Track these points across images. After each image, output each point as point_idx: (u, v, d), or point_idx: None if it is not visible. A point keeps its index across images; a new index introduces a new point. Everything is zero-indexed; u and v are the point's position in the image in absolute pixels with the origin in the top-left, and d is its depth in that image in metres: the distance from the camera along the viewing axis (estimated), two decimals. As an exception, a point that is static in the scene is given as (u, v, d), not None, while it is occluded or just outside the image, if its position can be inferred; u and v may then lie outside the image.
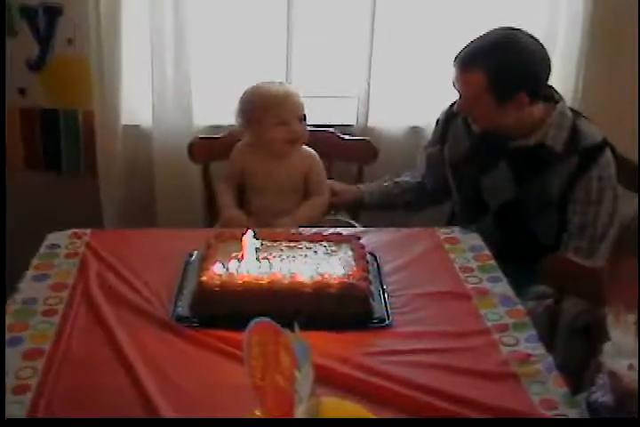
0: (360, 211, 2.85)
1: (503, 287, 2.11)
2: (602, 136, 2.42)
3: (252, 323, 1.37)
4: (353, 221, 2.77)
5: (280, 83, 2.69)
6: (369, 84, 3.01)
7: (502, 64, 2.31)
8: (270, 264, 1.97)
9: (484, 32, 2.39)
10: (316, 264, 2.00)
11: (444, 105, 2.67)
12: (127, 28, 2.93)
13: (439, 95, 2.84)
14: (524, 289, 2.28)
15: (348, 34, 3.07)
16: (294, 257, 2.04)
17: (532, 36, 2.36)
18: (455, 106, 2.48)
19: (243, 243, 2.00)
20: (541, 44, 2.36)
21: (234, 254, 2.01)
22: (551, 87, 2.48)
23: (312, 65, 3.12)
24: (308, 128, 2.64)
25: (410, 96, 3.05)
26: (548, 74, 2.39)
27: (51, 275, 2.14)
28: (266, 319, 1.39)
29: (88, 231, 2.37)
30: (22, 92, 3.12)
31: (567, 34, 2.99)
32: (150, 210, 3.14)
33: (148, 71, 2.96)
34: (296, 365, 1.41)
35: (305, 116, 2.60)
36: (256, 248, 2.01)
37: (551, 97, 2.45)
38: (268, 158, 2.62)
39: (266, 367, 1.35)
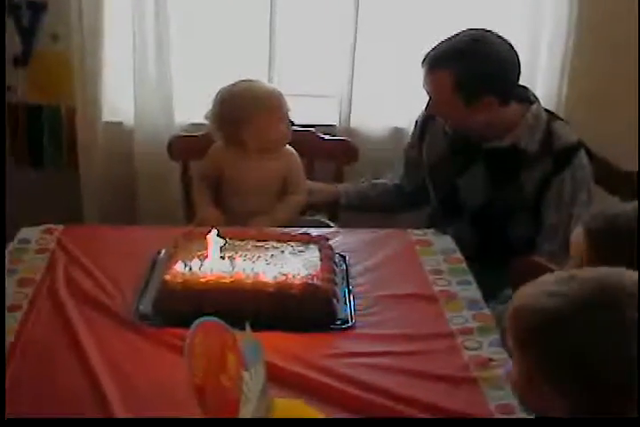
0: (338, 212, 2.83)
1: (472, 291, 2.10)
2: (576, 138, 2.40)
3: (195, 322, 1.37)
4: (330, 222, 2.76)
5: (260, 81, 2.65)
6: (351, 85, 3.00)
7: (469, 66, 2.29)
8: (234, 263, 1.96)
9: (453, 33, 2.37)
10: (280, 264, 1.99)
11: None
12: (110, 25, 2.92)
13: (421, 97, 2.80)
14: (496, 293, 2.27)
15: (330, 33, 3.05)
16: (259, 257, 2.04)
17: (501, 38, 2.34)
18: (425, 108, 2.47)
19: (207, 241, 1.99)
20: (511, 46, 2.34)
21: (199, 253, 2.01)
22: (526, 88, 2.46)
23: (294, 64, 3.11)
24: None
25: (392, 97, 3.04)
26: (518, 75, 2.36)
27: (18, 270, 2.14)
28: (211, 319, 1.39)
29: (60, 227, 2.37)
30: (7, 87, 3.11)
31: (551, 36, 2.98)
32: (131, 206, 3.14)
33: (130, 68, 2.96)
34: (243, 364, 1.40)
35: (288, 116, 2.57)
36: (221, 247, 2.00)
37: (526, 98, 2.43)
38: (246, 158, 2.60)
39: (208, 367, 1.34)
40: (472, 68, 2.29)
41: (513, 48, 2.34)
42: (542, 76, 3.01)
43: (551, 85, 3.02)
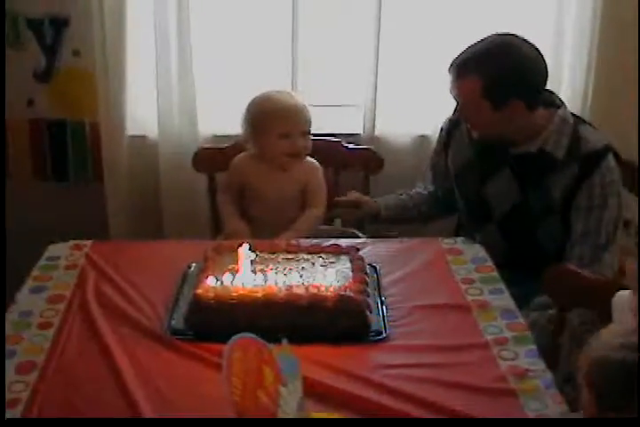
0: (365, 222, 2.82)
1: (504, 300, 2.08)
2: (604, 142, 2.38)
3: (232, 338, 1.35)
4: (358, 231, 2.75)
5: (289, 93, 2.65)
6: (375, 93, 2.99)
7: (497, 71, 2.28)
8: (266, 277, 1.95)
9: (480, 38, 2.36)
10: (312, 276, 1.98)
11: (451, 113, 2.64)
12: (132, 39, 2.93)
13: (446, 103, 2.79)
14: (528, 299, 2.25)
15: (353, 42, 3.05)
16: (291, 269, 2.02)
17: (528, 42, 2.33)
18: (454, 112, 2.46)
19: (238, 255, 1.98)
20: (538, 50, 2.33)
21: (230, 267, 1.99)
22: (552, 93, 2.45)
23: (318, 73, 3.11)
24: (314, 137, 2.62)
25: (416, 105, 3.03)
26: (545, 80, 2.35)
27: (48, 287, 2.14)
28: (247, 335, 1.38)
29: (89, 243, 2.37)
30: (30, 103, 3.12)
31: (575, 38, 2.97)
32: (157, 220, 3.14)
33: (154, 82, 2.96)
34: (281, 380, 1.39)
35: (310, 130, 2.57)
36: (252, 260, 1.99)
37: (552, 103, 2.41)
38: (268, 170, 2.60)
39: (246, 383, 1.33)
40: (500, 73, 2.28)
41: (539, 52, 2.33)
42: (567, 74, 2.99)
43: (576, 85, 3.01)
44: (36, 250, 2.33)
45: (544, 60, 2.34)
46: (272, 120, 2.53)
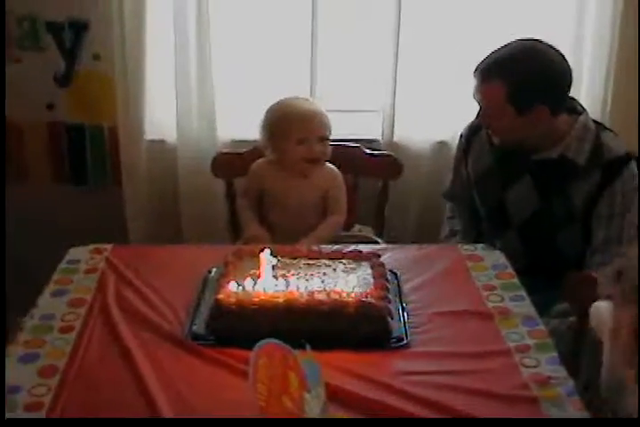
0: (383, 226, 2.81)
1: (526, 307, 2.07)
2: (626, 149, 2.38)
3: (258, 345, 1.35)
4: (377, 238, 2.75)
5: (307, 100, 2.66)
6: (394, 99, 3.00)
7: (522, 75, 2.28)
8: (287, 282, 1.95)
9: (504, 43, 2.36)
10: (334, 282, 1.97)
11: (470, 119, 2.64)
12: (152, 44, 2.94)
13: (465, 109, 2.79)
14: (548, 306, 2.25)
15: (373, 47, 3.06)
16: (312, 275, 2.02)
17: (552, 47, 2.33)
18: (477, 117, 2.45)
19: (260, 261, 1.98)
20: (562, 55, 2.33)
21: (251, 272, 2.00)
22: (573, 99, 2.44)
23: (337, 79, 3.11)
24: (334, 143, 2.62)
25: (436, 110, 3.03)
26: (569, 85, 2.35)
27: (69, 290, 2.14)
28: (273, 341, 1.38)
29: (109, 247, 2.37)
30: (50, 106, 3.14)
31: (595, 43, 2.97)
32: (175, 224, 3.15)
33: (173, 86, 2.97)
34: (305, 386, 1.39)
35: (328, 136, 2.57)
36: (273, 266, 1.99)
37: (573, 109, 2.41)
38: (287, 176, 2.61)
39: (272, 390, 1.33)
40: (525, 78, 2.28)
41: (564, 57, 2.33)
42: (586, 81, 2.98)
43: (595, 91, 3.00)
44: (56, 253, 2.33)
45: (569, 65, 2.33)
46: (289, 126, 2.54)
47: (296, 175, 2.61)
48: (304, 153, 2.55)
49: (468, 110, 2.67)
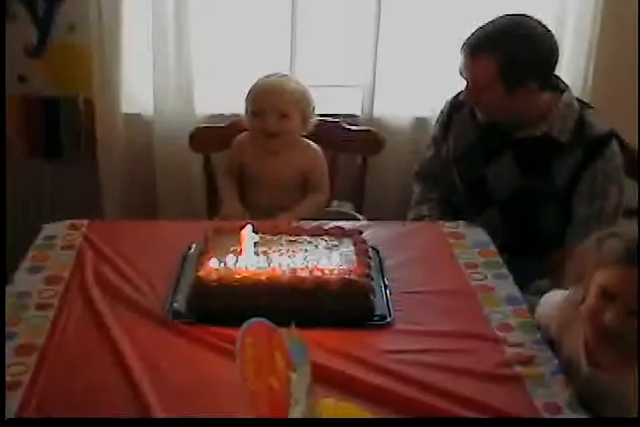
0: (363, 202, 2.79)
1: (509, 285, 2.07)
2: (609, 127, 2.37)
3: (245, 324, 1.33)
4: (357, 214, 2.73)
5: (285, 76, 2.64)
6: (374, 74, 2.97)
7: (513, 50, 2.25)
8: (269, 259, 1.93)
9: (491, 19, 2.33)
10: (316, 259, 1.95)
11: (450, 96, 2.61)
12: (128, 15, 2.88)
13: (445, 85, 2.78)
14: (527, 283, 2.24)
15: (353, 23, 3.01)
16: (294, 251, 1.99)
17: (540, 22, 2.31)
18: (462, 94, 2.42)
19: (241, 237, 1.95)
20: (549, 30, 2.32)
21: (232, 248, 1.97)
22: (557, 77, 2.42)
23: (317, 54, 3.07)
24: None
25: (416, 86, 3.00)
26: (557, 60, 2.34)
27: (46, 267, 2.10)
28: (259, 320, 1.35)
29: (85, 222, 2.33)
30: (22, 79, 3.06)
31: (577, 21, 2.95)
32: (151, 199, 3.11)
33: (150, 59, 2.91)
34: (291, 366, 1.37)
35: (288, 112, 2.52)
36: (255, 242, 1.96)
37: (557, 86, 2.39)
38: (266, 152, 2.58)
39: (259, 370, 1.31)
40: (516, 52, 2.25)
41: (551, 32, 2.31)
42: (567, 60, 2.96)
43: (577, 68, 2.99)
44: (30, 228, 2.29)
45: (555, 41, 2.32)
46: (249, 98, 2.57)
47: (274, 151, 2.58)
48: (259, 126, 2.54)
49: (448, 86, 2.66)
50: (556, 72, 2.46)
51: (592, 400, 1.67)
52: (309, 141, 2.62)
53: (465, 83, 2.37)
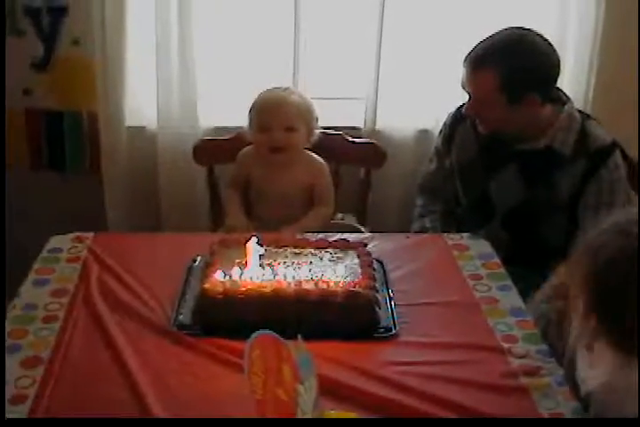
0: (366, 214, 2.80)
1: (513, 297, 2.07)
2: (611, 138, 2.38)
3: (252, 336, 1.34)
4: (360, 226, 2.73)
5: (288, 89, 2.64)
6: (377, 87, 2.97)
7: (515, 63, 2.27)
8: (274, 271, 1.93)
9: (493, 32, 2.35)
10: (321, 272, 1.95)
11: (453, 108, 2.62)
12: (132, 30, 2.90)
13: (448, 98, 2.80)
14: (531, 294, 2.24)
15: (356, 35, 3.03)
16: (299, 264, 2.00)
17: (541, 36, 2.33)
18: (464, 108, 2.43)
19: (247, 249, 1.95)
20: (551, 44, 2.34)
21: (237, 261, 1.97)
22: (559, 89, 2.44)
23: (319, 66, 3.08)
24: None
25: (418, 99, 3.01)
26: (558, 73, 2.35)
27: (51, 280, 2.10)
28: (266, 332, 1.36)
29: (90, 235, 2.33)
30: (27, 92, 3.08)
31: (578, 34, 2.96)
32: (155, 212, 3.11)
33: (154, 72, 2.93)
34: (298, 378, 1.37)
35: (294, 126, 2.53)
36: (260, 255, 1.97)
37: (559, 99, 2.41)
38: (271, 165, 2.59)
39: (267, 382, 1.32)
40: (517, 66, 2.27)
41: (552, 45, 2.33)
42: (569, 73, 2.98)
43: (578, 81, 3.00)
44: (34, 241, 2.30)
45: (557, 54, 2.34)
46: (254, 114, 2.57)
47: (279, 165, 2.59)
48: (265, 141, 2.54)
49: (451, 99, 2.68)
50: (558, 85, 2.48)
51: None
52: (314, 155, 2.64)
53: (467, 96, 2.38)
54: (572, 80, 2.98)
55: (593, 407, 1.52)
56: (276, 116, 2.53)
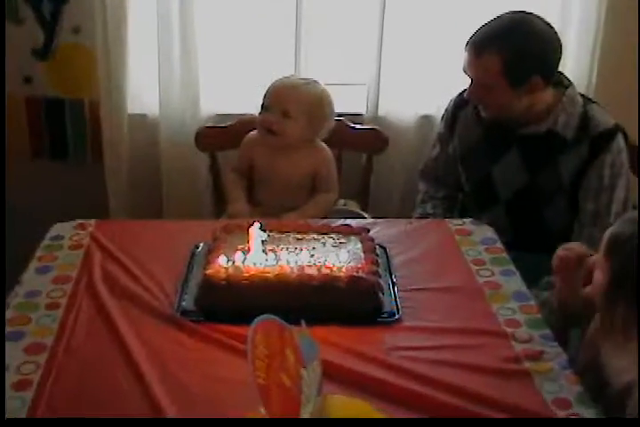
0: (368, 200, 2.79)
1: (516, 282, 2.07)
2: (613, 122, 2.37)
3: (255, 321, 1.33)
4: (362, 212, 2.73)
5: (309, 80, 2.63)
6: (379, 72, 2.96)
7: (517, 47, 2.26)
8: (277, 257, 1.93)
9: (494, 16, 2.34)
10: (324, 257, 1.95)
11: (455, 93, 2.61)
12: (134, 17, 2.88)
13: (450, 83, 2.78)
14: (536, 279, 2.24)
15: (358, 21, 3.02)
16: (302, 249, 1.99)
17: (542, 19, 2.32)
18: (466, 93, 2.42)
19: (249, 235, 1.95)
20: (552, 27, 2.33)
21: (240, 247, 1.97)
22: (560, 73, 2.43)
23: (321, 52, 3.07)
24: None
25: (420, 84, 3.00)
26: (560, 57, 2.34)
27: (54, 267, 2.10)
28: (270, 316, 1.36)
29: (93, 222, 2.33)
30: (28, 80, 3.07)
31: (581, 18, 2.93)
32: (157, 199, 3.11)
33: (155, 60, 2.91)
34: (302, 363, 1.37)
35: (290, 111, 2.52)
36: (263, 240, 1.96)
37: (561, 83, 2.40)
38: (274, 151, 2.58)
39: (270, 367, 1.31)
40: (521, 49, 2.26)
41: (554, 28, 2.32)
42: (572, 57, 2.96)
43: (581, 65, 2.98)
44: (36, 229, 2.29)
45: (558, 37, 2.33)
46: (264, 94, 2.57)
47: (283, 151, 2.58)
48: (261, 120, 2.56)
49: (453, 84, 2.66)
50: (560, 69, 2.47)
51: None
52: (318, 141, 2.63)
53: (469, 81, 2.37)
54: (575, 64, 2.96)
55: (634, 397, 1.54)
56: (275, 97, 2.54)
